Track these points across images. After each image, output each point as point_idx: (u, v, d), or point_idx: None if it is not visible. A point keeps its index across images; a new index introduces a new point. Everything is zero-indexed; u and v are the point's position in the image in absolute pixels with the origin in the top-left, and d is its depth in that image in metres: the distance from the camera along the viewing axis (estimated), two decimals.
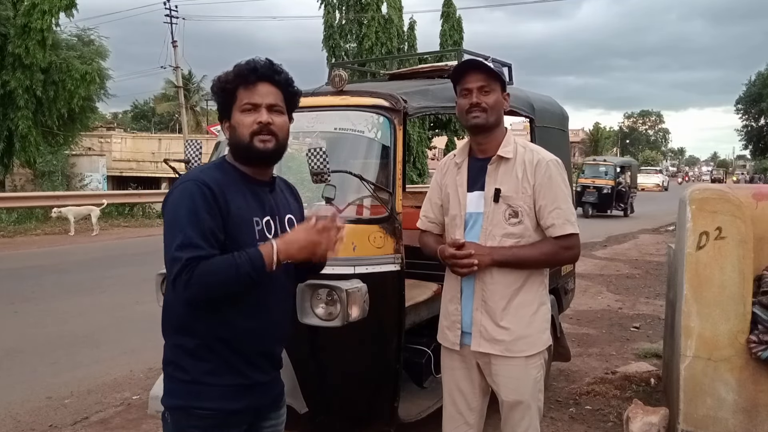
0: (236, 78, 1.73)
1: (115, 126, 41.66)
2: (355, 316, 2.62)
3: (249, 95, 1.72)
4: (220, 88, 1.75)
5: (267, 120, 1.72)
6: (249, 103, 1.72)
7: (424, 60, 6.85)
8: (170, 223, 1.65)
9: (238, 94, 1.73)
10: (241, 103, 1.72)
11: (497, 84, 2.27)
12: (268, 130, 1.72)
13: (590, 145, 74.48)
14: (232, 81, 1.73)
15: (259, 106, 1.72)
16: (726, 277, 3.00)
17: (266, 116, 1.72)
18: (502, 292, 2.26)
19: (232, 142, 1.76)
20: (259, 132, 1.71)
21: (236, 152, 1.77)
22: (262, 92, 1.73)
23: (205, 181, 1.67)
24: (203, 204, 1.63)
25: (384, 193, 2.82)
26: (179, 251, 1.58)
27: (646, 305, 7.33)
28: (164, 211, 1.69)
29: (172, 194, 1.69)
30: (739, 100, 53.37)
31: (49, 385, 4.55)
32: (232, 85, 1.73)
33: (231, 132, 1.76)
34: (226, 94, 1.74)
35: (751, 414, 3.02)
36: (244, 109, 1.72)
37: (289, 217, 1.87)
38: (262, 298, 1.74)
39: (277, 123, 1.74)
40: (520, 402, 2.29)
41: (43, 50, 17.09)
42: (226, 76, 1.74)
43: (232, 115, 1.74)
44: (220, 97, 1.77)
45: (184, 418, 1.72)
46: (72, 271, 9.18)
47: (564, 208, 2.24)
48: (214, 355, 1.70)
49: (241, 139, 1.72)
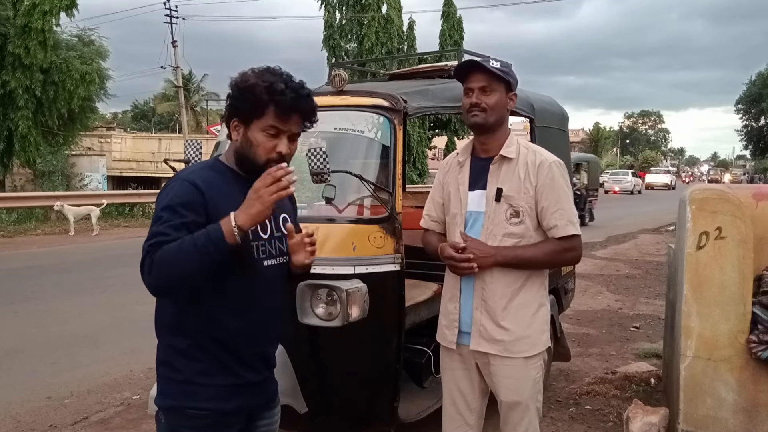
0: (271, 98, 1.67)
1: (115, 126, 41.66)
2: (355, 316, 2.62)
3: (279, 121, 1.69)
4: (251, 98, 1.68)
5: (287, 152, 1.71)
6: (275, 128, 1.69)
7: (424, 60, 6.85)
8: (153, 219, 1.67)
9: (266, 112, 1.68)
10: (267, 124, 1.68)
11: (500, 84, 2.26)
12: (282, 160, 1.71)
13: (590, 145, 74.50)
14: (266, 100, 1.66)
15: (282, 133, 1.70)
16: (726, 277, 3.00)
17: (286, 148, 1.71)
18: (502, 292, 2.26)
19: (242, 152, 1.72)
20: (274, 160, 1.69)
21: (242, 162, 1.75)
22: (289, 122, 1.71)
23: (193, 179, 1.67)
24: (186, 199, 1.63)
25: (384, 193, 2.82)
26: (150, 239, 1.60)
27: (646, 305, 7.33)
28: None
29: (161, 192, 1.70)
30: (739, 100, 53.34)
31: (49, 385, 4.55)
32: (264, 101, 1.67)
33: (244, 142, 1.72)
34: (254, 105, 1.68)
35: (751, 414, 3.02)
36: (269, 133, 1.69)
37: (284, 216, 1.87)
38: (252, 296, 1.74)
39: (291, 152, 1.75)
40: (519, 402, 2.29)
41: (44, 51, 17.09)
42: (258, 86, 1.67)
43: (251, 128, 1.70)
44: (244, 102, 1.70)
45: (177, 418, 1.73)
46: (72, 271, 9.18)
47: (566, 209, 2.25)
48: (206, 355, 1.70)
49: (255, 158, 1.70)
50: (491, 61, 2.29)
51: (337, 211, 2.84)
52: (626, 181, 38.60)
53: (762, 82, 48.49)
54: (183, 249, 1.56)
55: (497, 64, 2.27)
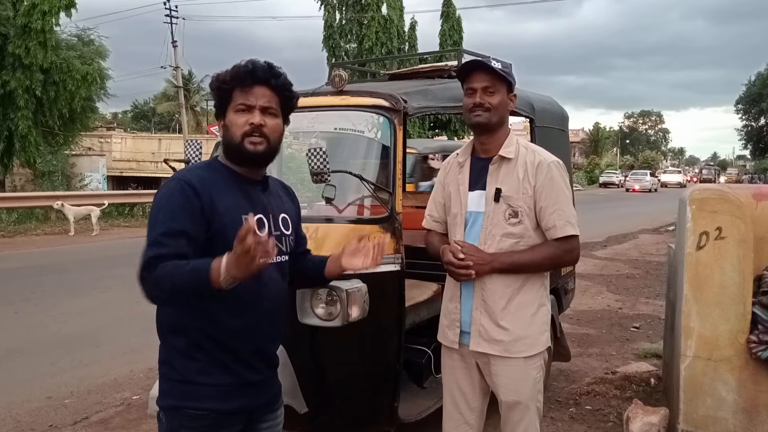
0: (233, 79, 1.73)
1: (115, 126, 41.68)
2: (355, 316, 2.62)
3: (244, 96, 1.72)
4: (216, 86, 1.76)
5: (259, 122, 1.71)
6: (243, 104, 1.72)
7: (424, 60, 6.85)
8: (150, 220, 1.67)
9: (234, 94, 1.73)
10: (235, 103, 1.73)
11: (503, 85, 2.27)
12: (260, 132, 1.72)
13: (590, 145, 74.46)
14: (228, 81, 1.73)
15: (253, 107, 1.72)
16: (726, 277, 3.00)
17: (259, 118, 1.72)
18: (502, 292, 2.26)
19: (225, 141, 1.77)
20: (250, 133, 1.71)
21: (228, 152, 1.78)
22: (257, 94, 1.73)
23: (189, 179, 1.68)
24: (182, 202, 1.63)
25: (384, 193, 2.82)
26: (148, 249, 1.60)
27: (646, 305, 7.33)
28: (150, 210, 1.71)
29: (158, 193, 1.71)
30: (739, 100, 53.38)
31: (49, 385, 4.55)
32: (228, 85, 1.73)
33: (224, 131, 1.76)
34: (222, 93, 1.75)
35: (751, 414, 3.02)
36: (238, 110, 1.73)
37: (284, 217, 1.87)
38: (251, 295, 1.73)
39: (270, 125, 1.74)
40: (519, 402, 2.29)
41: (44, 51, 17.08)
42: (224, 75, 1.75)
43: (226, 115, 1.75)
44: (216, 96, 1.78)
45: (177, 418, 1.72)
46: (72, 271, 9.18)
47: (565, 209, 2.24)
48: (205, 354, 1.70)
49: (232, 138, 1.73)
50: (492, 61, 2.29)
51: (337, 211, 2.84)
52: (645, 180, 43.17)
53: (762, 82, 48.53)
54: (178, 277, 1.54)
55: (498, 64, 2.28)
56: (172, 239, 1.59)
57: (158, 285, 1.56)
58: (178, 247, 1.59)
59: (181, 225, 1.61)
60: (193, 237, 1.62)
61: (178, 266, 1.56)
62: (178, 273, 1.55)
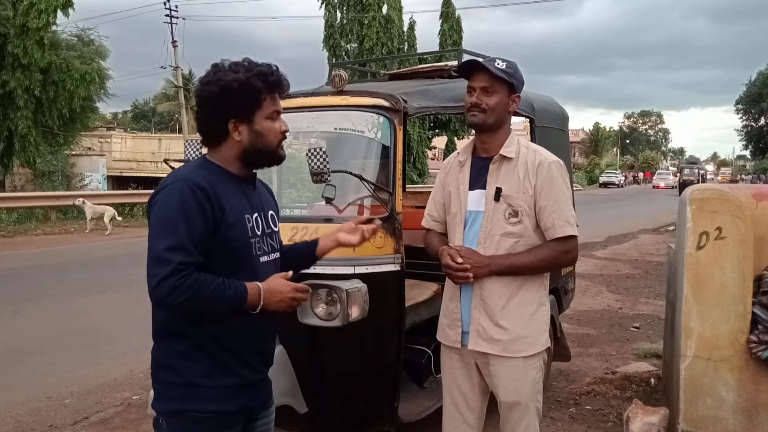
0: (266, 86, 1.74)
1: (115, 126, 41.67)
2: (355, 316, 2.62)
3: (275, 104, 1.78)
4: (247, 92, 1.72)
5: (287, 129, 1.82)
6: (276, 111, 1.78)
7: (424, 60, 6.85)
8: (159, 223, 1.63)
9: (264, 101, 1.75)
10: (269, 111, 1.76)
11: (503, 86, 2.25)
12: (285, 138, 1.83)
13: (590, 145, 74.50)
14: (262, 89, 1.73)
15: (280, 114, 1.80)
16: (726, 277, 3.00)
17: (286, 125, 1.81)
18: (501, 291, 2.26)
19: (254, 147, 1.76)
20: (281, 140, 1.81)
21: (255, 157, 1.79)
22: (278, 101, 1.79)
23: (198, 182, 1.65)
24: (196, 206, 1.62)
25: (384, 193, 2.82)
26: (169, 253, 1.57)
27: (646, 305, 7.32)
28: (151, 211, 1.67)
29: (162, 193, 1.67)
30: (740, 100, 53.39)
31: (49, 385, 4.55)
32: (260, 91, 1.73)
33: (252, 136, 1.75)
34: (251, 98, 1.73)
35: (751, 414, 3.02)
36: (273, 117, 1.77)
37: (271, 213, 1.89)
38: None
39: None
40: (518, 403, 2.29)
41: (41, 50, 17.08)
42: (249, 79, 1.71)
43: (255, 120, 1.74)
44: (242, 98, 1.72)
45: (179, 422, 1.72)
46: (72, 271, 9.19)
47: (564, 209, 2.24)
48: (207, 356, 1.70)
49: (268, 145, 1.78)
50: (497, 61, 2.26)
51: (337, 211, 2.84)
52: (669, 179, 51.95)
53: (762, 82, 48.55)
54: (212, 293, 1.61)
55: (503, 64, 2.25)
56: (196, 247, 1.61)
57: (193, 297, 1.58)
58: (200, 256, 1.62)
59: (200, 232, 1.62)
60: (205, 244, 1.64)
61: (219, 287, 1.63)
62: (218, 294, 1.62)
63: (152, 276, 1.57)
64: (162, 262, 1.57)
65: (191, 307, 1.63)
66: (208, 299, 1.61)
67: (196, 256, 1.60)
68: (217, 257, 1.66)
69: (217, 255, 1.66)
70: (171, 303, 1.59)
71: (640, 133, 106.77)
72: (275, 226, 1.89)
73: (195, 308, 1.64)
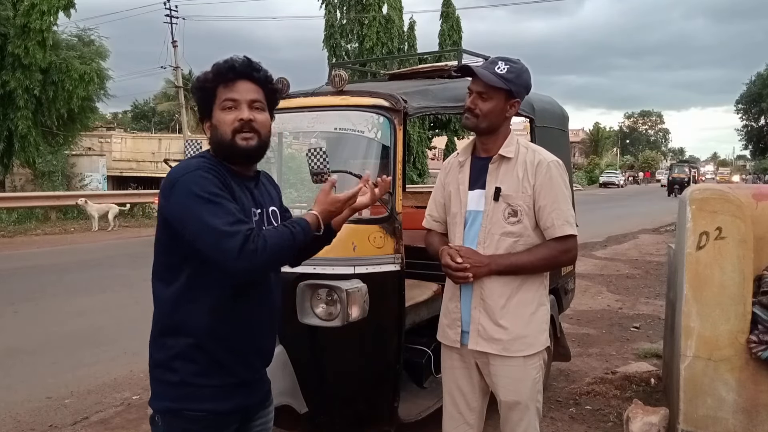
0: (215, 77, 1.70)
1: (115, 126, 41.67)
2: (355, 316, 2.62)
3: (228, 92, 1.70)
4: (199, 87, 1.73)
5: (249, 117, 1.69)
6: (229, 99, 1.69)
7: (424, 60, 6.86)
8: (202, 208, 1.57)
9: (217, 92, 1.70)
10: (220, 100, 1.70)
11: (499, 92, 2.23)
12: (250, 127, 1.69)
13: (590, 145, 74.51)
14: (211, 80, 1.70)
15: (240, 102, 1.69)
16: (726, 277, 3.00)
17: (247, 113, 1.69)
18: (501, 291, 2.26)
19: (214, 141, 1.73)
20: (240, 129, 1.68)
21: (219, 151, 1.73)
22: (241, 89, 1.70)
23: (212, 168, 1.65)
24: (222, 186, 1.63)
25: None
26: (231, 226, 1.55)
27: (646, 305, 7.33)
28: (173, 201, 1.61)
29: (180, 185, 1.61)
30: (739, 100, 53.44)
31: (49, 385, 4.55)
32: (211, 84, 1.70)
33: (212, 131, 1.73)
34: (206, 93, 1.72)
35: (751, 414, 3.02)
36: (225, 107, 1.69)
37: (273, 209, 1.87)
38: (250, 291, 1.73)
39: (259, 120, 1.71)
40: (518, 402, 2.29)
41: (43, 51, 17.10)
42: (205, 75, 1.72)
43: (213, 114, 1.72)
44: (199, 97, 1.74)
45: (174, 420, 1.71)
46: (72, 271, 9.19)
47: (564, 209, 2.24)
48: (204, 356, 1.69)
49: (222, 137, 1.69)
50: (499, 63, 2.23)
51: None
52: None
53: (762, 82, 48.58)
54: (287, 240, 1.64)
55: (504, 69, 2.22)
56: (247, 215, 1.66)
57: (273, 252, 1.60)
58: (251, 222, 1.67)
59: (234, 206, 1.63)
60: None
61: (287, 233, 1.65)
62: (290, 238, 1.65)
63: (229, 252, 1.54)
64: (230, 236, 1.54)
65: (277, 262, 1.70)
66: (286, 247, 1.64)
67: (251, 223, 1.65)
68: None
69: None
70: (258, 267, 1.60)
71: (640, 133, 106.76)
72: (276, 222, 1.86)
73: (280, 261, 1.71)
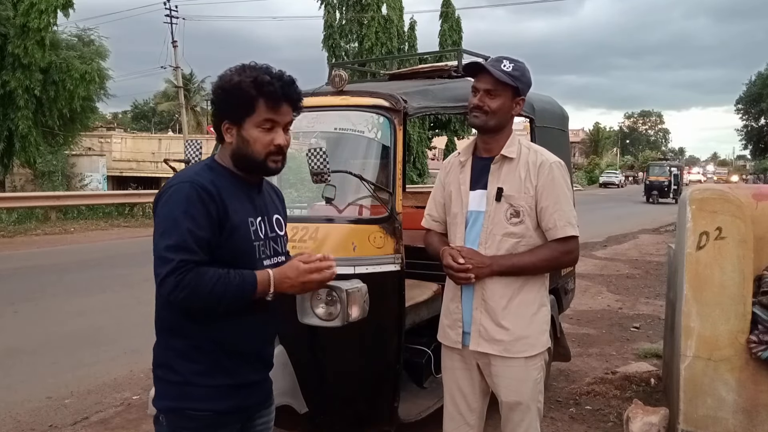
0: (260, 89, 1.66)
1: (115, 126, 41.67)
2: (355, 316, 2.62)
3: (271, 113, 1.69)
4: (238, 95, 1.67)
5: (285, 143, 1.72)
6: (270, 121, 1.69)
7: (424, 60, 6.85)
8: (164, 223, 1.62)
9: (257, 106, 1.68)
10: (261, 118, 1.68)
11: (507, 89, 2.24)
12: (281, 152, 1.73)
13: (590, 145, 74.50)
14: (254, 90, 1.66)
15: (279, 125, 1.71)
16: (726, 277, 3.00)
17: (283, 139, 1.72)
18: (502, 292, 2.26)
19: (240, 153, 1.72)
20: (274, 153, 1.72)
21: (241, 163, 1.74)
22: (283, 112, 1.71)
23: (203, 184, 1.64)
24: (201, 208, 1.61)
25: (384, 193, 2.82)
26: (171, 252, 1.56)
27: (646, 305, 7.33)
28: (157, 211, 1.66)
29: (167, 194, 1.66)
30: (740, 100, 53.37)
31: (49, 385, 4.55)
32: (253, 93, 1.66)
33: (240, 142, 1.71)
34: (242, 100, 1.68)
35: (751, 414, 3.02)
36: (264, 128, 1.69)
37: (277, 218, 1.87)
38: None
39: (288, 143, 1.75)
40: (519, 403, 2.29)
41: (42, 50, 17.08)
42: (242, 80, 1.67)
43: (245, 126, 1.70)
44: (233, 101, 1.69)
45: (177, 419, 1.73)
46: (72, 271, 9.18)
47: (566, 210, 2.24)
48: (205, 356, 1.70)
49: (254, 155, 1.71)
50: (504, 62, 2.25)
51: (337, 211, 2.84)
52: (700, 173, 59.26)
53: (762, 82, 48.53)
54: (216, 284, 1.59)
55: (509, 66, 2.23)
56: (200, 246, 1.60)
57: (196, 291, 1.57)
58: (204, 255, 1.60)
59: (205, 233, 1.61)
60: (212, 244, 1.63)
61: (223, 276, 1.60)
62: (223, 283, 1.60)
63: (156, 276, 1.58)
64: (164, 261, 1.57)
65: (197, 303, 1.60)
66: (213, 291, 1.58)
67: (199, 255, 1.59)
68: (220, 260, 1.65)
69: (221, 257, 1.66)
70: (175, 301, 1.59)
71: (640, 134, 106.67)
72: (281, 230, 1.87)
73: (201, 303, 1.60)
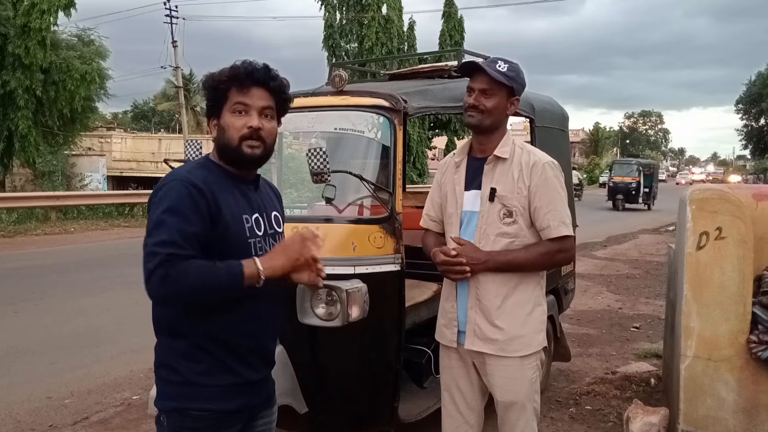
0: (230, 79, 1.70)
1: (115, 126, 41.65)
2: (355, 316, 2.62)
3: (241, 96, 1.70)
4: (212, 86, 1.73)
5: (258, 125, 1.70)
6: (240, 103, 1.70)
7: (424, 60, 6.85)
8: (154, 220, 1.62)
9: (230, 94, 1.71)
10: (232, 103, 1.70)
11: (502, 89, 2.25)
12: (258, 136, 1.71)
13: (590, 145, 74.43)
14: (225, 81, 1.70)
15: (251, 108, 1.71)
16: (726, 277, 3.00)
17: (257, 121, 1.70)
18: (497, 291, 2.26)
19: (220, 142, 1.73)
20: (248, 137, 1.70)
21: (222, 153, 1.75)
22: (255, 95, 1.71)
23: (194, 181, 1.65)
24: (191, 205, 1.61)
25: (384, 193, 2.82)
26: (159, 247, 1.56)
27: (646, 305, 7.33)
28: (150, 209, 1.66)
29: (159, 192, 1.66)
30: (740, 100, 53.39)
31: (49, 385, 4.55)
32: (225, 84, 1.70)
33: (219, 132, 1.73)
34: (218, 92, 1.72)
35: (751, 414, 3.02)
36: (235, 111, 1.70)
37: (275, 215, 1.87)
38: (251, 294, 1.71)
39: (267, 128, 1.73)
40: (515, 402, 2.29)
41: (43, 50, 17.09)
42: (220, 75, 1.72)
43: (222, 115, 1.72)
44: (210, 95, 1.74)
45: (179, 419, 1.72)
46: (72, 271, 9.18)
47: (559, 209, 2.25)
48: (207, 356, 1.70)
49: (229, 141, 1.71)
50: (499, 62, 2.26)
51: (337, 211, 2.84)
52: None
53: (762, 82, 48.55)
54: (203, 276, 1.57)
55: (504, 67, 2.25)
56: (189, 243, 1.58)
57: (184, 284, 1.55)
58: (194, 251, 1.59)
59: (194, 228, 1.60)
60: (202, 241, 1.62)
61: (210, 267, 1.57)
62: (210, 274, 1.57)
63: (144, 271, 1.57)
64: (152, 256, 1.56)
65: (186, 296, 1.58)
66: (201, 282, 1.57)
67: (188, 250, 1.58)
68: (215, 257, 1.65)
69: (215, 255, 1.66)
70: (164, 296, 1.58)
71: (640, 134, 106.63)
72: (279, 227, 1.87)
73: (190, 296, 1.59)
